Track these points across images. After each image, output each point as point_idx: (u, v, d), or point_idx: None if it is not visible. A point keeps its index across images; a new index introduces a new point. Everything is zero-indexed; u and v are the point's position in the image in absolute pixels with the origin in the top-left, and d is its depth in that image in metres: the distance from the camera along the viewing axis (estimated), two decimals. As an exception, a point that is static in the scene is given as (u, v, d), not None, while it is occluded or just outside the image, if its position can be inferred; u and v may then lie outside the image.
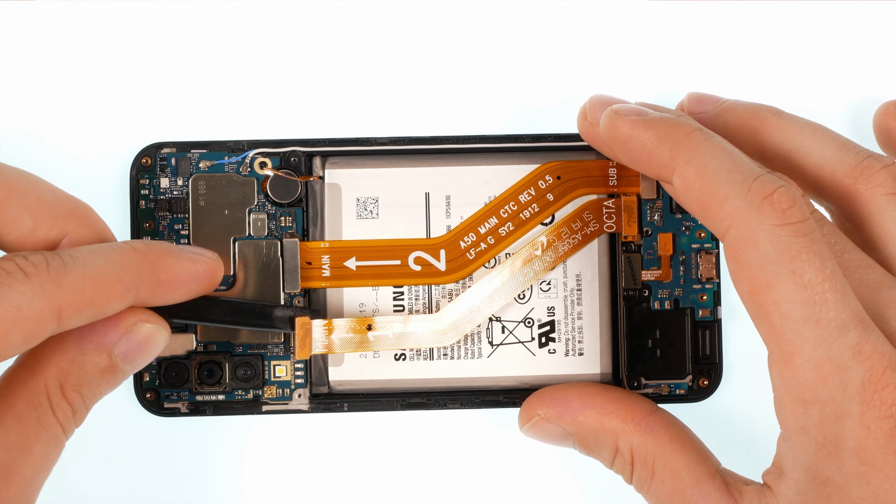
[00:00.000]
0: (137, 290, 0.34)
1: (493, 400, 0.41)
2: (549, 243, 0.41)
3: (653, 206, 0.41)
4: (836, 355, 0.32)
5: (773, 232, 0.33)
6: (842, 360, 0.32)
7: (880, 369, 0.32)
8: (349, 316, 0.41)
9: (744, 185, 0.33)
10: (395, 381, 0.41)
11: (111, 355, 0.35)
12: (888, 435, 0.32)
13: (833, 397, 0.32)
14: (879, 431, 0.32)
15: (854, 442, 0.32)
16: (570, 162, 0.41)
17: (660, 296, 0.41)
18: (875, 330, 0.33)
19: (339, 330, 0.40)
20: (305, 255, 0.40)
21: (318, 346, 0.40)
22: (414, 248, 0.41)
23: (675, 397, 0.41)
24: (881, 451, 0.32)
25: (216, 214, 0.40)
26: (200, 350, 0.40)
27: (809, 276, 0.32)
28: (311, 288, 0.41)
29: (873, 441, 0.32)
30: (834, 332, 0.32)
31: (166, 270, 0.35)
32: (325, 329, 0.40)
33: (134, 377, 0.40)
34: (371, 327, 0.40)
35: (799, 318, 0.32)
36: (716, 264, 0.41)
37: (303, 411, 0.41)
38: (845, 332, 0.32)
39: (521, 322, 0.41)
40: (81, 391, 0.34)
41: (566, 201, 0.41)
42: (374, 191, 0.41)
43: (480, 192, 0.41)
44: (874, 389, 0.32)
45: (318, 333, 0.40)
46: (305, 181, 0.41)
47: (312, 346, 0.40)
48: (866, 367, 0.32)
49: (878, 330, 0.33)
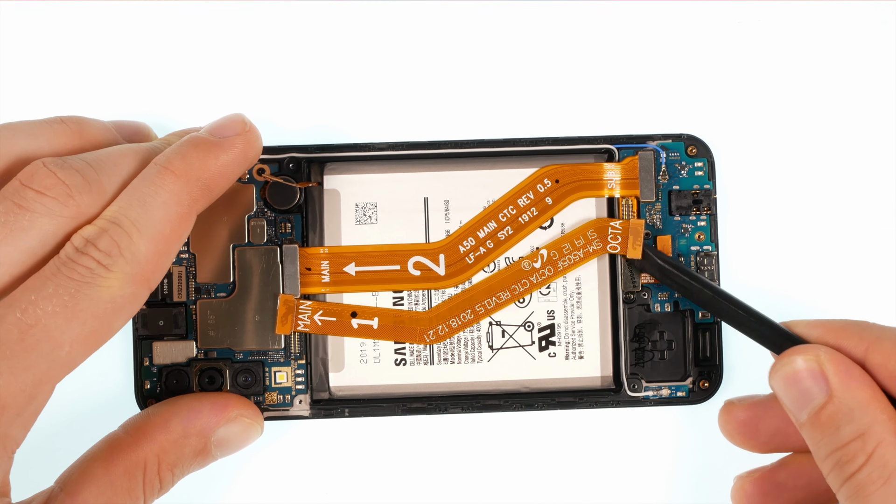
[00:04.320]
0: (197, 210, 0.35)
1: (494, 404, 0.41)
2: (550, 258, 0.40)
3: (652, 208, 0.41)
4: None
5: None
6: None
7: None
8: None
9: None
10: (395, 386, 0.41)
11: (208, 441, 0.37)
12: None
13: None
14: None
15: None
16: (568, 165, 0.41)
17: (659, 298, 0.41)
18: None
19: (323, 312, 0.40)
20: (305, 261, 0.40)
21: (298, 324, 0.40)
22: (413, 252, 0.41)
23: (676, 400, 0.41)
24: None
25: (215, 221, 0.41)
26: (201, 357, 0.41)
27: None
28: (312, 293, 0.41)
29: None
30: None
31: (211, 175, 0.35)
32: (309, 309, 0.40)
33: (135, 384, 0.40)
34: (356, 314, 0.40)
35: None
36: (715, 266, 0.41)
37: (304, 417, 0.41)
38: None
39: (521, 326, 0.41)
40: (174, 470, 0.37)
41: (565, 204, 0.41)
42: (372, 196, 0.41)
43: (479, 197, 0.41)
44: None
45: (300, 312, 0.40)
46: (304, 187, 0.41)
47: (293, 324, 0.40)
48: None
49: None
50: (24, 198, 0.33)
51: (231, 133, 0.36)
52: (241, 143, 0.36)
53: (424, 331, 0.40)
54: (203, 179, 0.35)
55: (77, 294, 0.32)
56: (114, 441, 0.36)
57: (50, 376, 0.32)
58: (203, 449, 0.37)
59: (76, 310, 0.32)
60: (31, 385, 0.32)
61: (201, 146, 0.35)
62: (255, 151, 0.37)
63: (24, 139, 0.35)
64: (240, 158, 0.36)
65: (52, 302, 0.32)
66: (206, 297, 0.40)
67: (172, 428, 0.37)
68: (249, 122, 0.37)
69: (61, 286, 0.32)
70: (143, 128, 0.40)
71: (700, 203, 0.41)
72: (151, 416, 0.37)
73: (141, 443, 0.36)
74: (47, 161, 0.34)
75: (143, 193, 0.34)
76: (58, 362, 0.32)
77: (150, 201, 0.34)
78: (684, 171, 0.41)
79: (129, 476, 0.36)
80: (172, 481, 0.37)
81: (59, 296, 0.32)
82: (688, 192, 0.41)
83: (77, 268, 0.32)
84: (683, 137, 0.41)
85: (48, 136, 0.36)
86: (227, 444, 0.38)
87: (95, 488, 0.35)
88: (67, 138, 0.36)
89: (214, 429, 0.38)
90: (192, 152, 0.35)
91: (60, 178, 0.33)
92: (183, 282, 0.40)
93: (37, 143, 0.36)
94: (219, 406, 0.38)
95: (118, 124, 0.39)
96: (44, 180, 0.33)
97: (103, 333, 0.33)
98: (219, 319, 0.40)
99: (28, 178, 0.33)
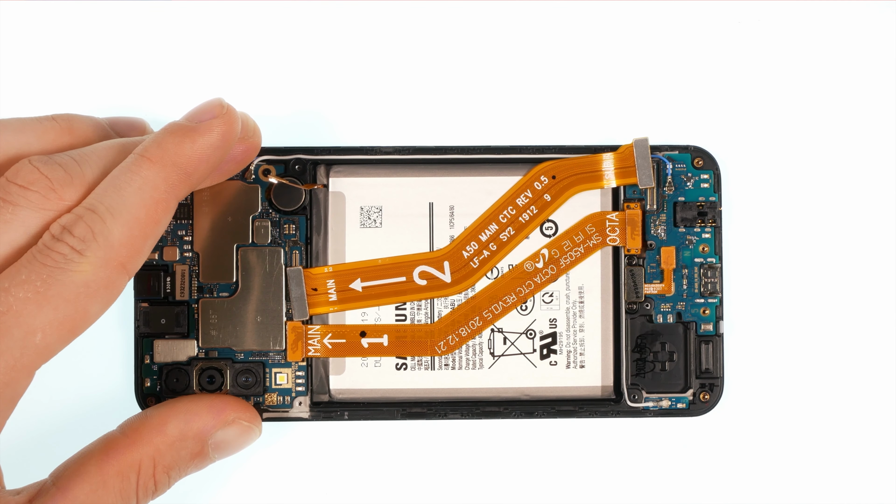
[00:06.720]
0: (176, 195, 0.35)
1: (494, 411, 0.41)
2: (552, 256, 0.40)
3: (657, 219, 0.41)
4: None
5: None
6: None
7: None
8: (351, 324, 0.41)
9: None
10: (395, 390, 0.41)
11: (205, 444, 0.37)
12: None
13: None
14: None
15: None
16: (563, 160, 0.41)
17: (662, 309, 0.41)
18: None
19: (332, 335, 0.40)
20: (310, 282, 0.40)
21: (309, 349, 0.40)
22: (418, 262, 0.41)
23: (676, 411, 0.41)
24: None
25: (220, 221, 0.40)
26: (202, 356, 0.41)
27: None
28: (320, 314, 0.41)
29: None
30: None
31: (189, 160, 0.35)
32: (318, 333, 0.40)
33: (135, 382, 0.40)
34: (364, 333, 0.40)
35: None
36: (719, 278, 0.41)
37: (303, 419, 0.41)
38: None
39: (523, 333, 0.41)
40: (170, 472, 0.37)
41: (563, 200, 0.41)
42: (377, 200, 0.41)
43: (484, 203, 0.41)
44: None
45: (309, 338, 0.40)
46: (309, 189, 0.41)
47: (304, 351, 0.40)
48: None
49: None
50: (9, 192, 0.34)
51: (208, 117, 0.36)
52: (219, 126, 0.36)
53: (435, 343, 0.40)
54: (180, 165, 0.35)
55: (49, 279, 0.32)
56: (110, 440, 0.36)
57: (24, 363, 0.32)
58: (200, 452, 0.38)
59: (48, 295, 0.32)
60: (4, 371, 0.32)
61: (177, 132, 0.35)
62: (235, 133, 0.36)
63: (14, 137, 0.36)
64: (218, 141, 0.36)
65: (23, 288, 0.32)
66: (209, 297, 0.40)
67: (169, 430, 0.37)
68: (227, 104, 0.36)
69: (34, 272, 0.32)
70: (138, 123, 0.40)
71: (705, 215, 0.41)
72: (149, 417, 0.37)
73: (137, 444, 0.36)
74: (33, 158, 0.34)
75: (120, 181, 0.34)
76: (31, 349, 0.32)
77: (125, 187, 0.34)
78: (690, 182, 0.41)
79: (122, 476, 0.36)
80: (168, 483, 0.37)
81: (31, 282, 0.32)
82: (693, 204, 0.41)
83: (51, 254, 0.33)
84: (690, 149, 0.41)
85: (38, 133, 0.36)
86: (225, 447, 0.38)
87: (87, 486, 0.35)
88: (57, 135, 0.37)
89: (212, 432, 0.38)
90: (168, 138, 0.35)
91: (44, 172, 0.34)
92: (186, 280, 0.40)
93: (27, 140, 0.36)
94: (217, 409, 0.38)
95: (113, 120, 0.39)
96: (28, 176, 0.34)
97: (77, 319, 0.33)
98: (221, 319, 0.40)
99: (13, 174, 0.34)
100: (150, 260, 0.40)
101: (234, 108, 0.37)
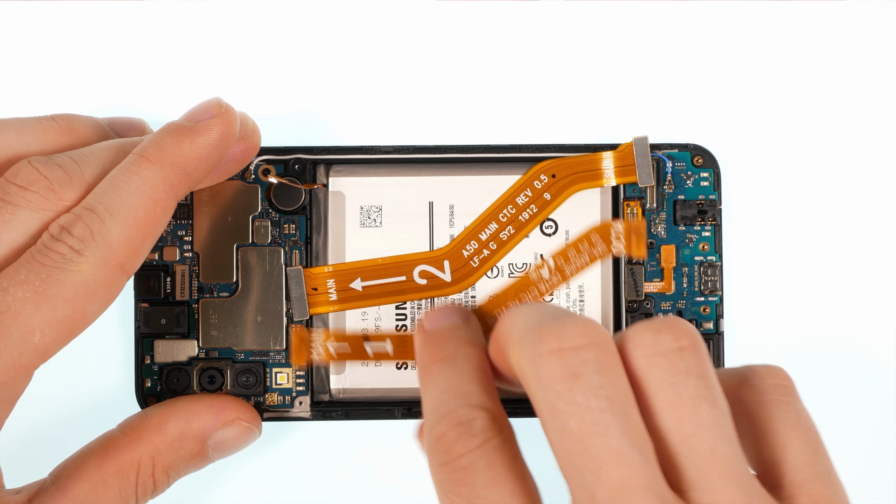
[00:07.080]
0: (175, 195, 0.35)
1: (495, 410, 0.41)
2: (558, 266, 0.40)
3: (656, 217, 0.41)
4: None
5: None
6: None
7: None
8: (351, 326, 0.41)
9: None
10: (396, 389, 0.41)
11: (205, 444, 0.37)
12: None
13: None
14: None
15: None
16: (563, 159, 0.41)
17: (662, 308, 0.41)
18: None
19: (335, 340, 0.40)
20: (311, 282, 0.40)
21: (313, 355, 0.40)
22: (418, 262, 0.41)
23: (677, 410, 0.41)
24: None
25: (220, 221, 0.41)
26: (202, 356, 0.41)
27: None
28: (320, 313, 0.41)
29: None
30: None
31: (188, 160, 0.35)
32: (321, 337, 0.40)
33: (136, 382, 0.40)
34: (368, 338, 0.40)
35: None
36: (719, 277, 0.41)
37: (304, 419, 0.41)
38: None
39: (524, 332, 0.41)
40: (169, 472, 0.37)
41: (563, 198, 0.41)
42: (377, 199, 0.41)
43: (484, 202, 0.41)
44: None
45: (313, 343, 0.40)
46: (309, 189, 0.41)
47: (307, 356, 0.40)
48: None
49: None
50: (8, 192, 0.34)
51: (207, 116, 0.36)
52: (217, 126, 0.36)
53: None
54: (179, 164, 0.35)
55: (47, 279, 0.32)
56: (110, 440, 0.37)
57: (22, 363, 0.32)
58: (200, 451, 0.38)
59: (46, 295, 0.32)
60: (3, 371, 0.32)
61: (175, 132, 0.36)
62: (233, 133, 0.36)
63: (13, 137, 0.36)
64: (217, 141, 0.36)
65: (22, 288, 0.32)
66: (209, 297, 0.40)
67: (169, 429, 0.37)
68: (226, 104, 0.37)
69: (33, 272, 0.32)
70: (138, 123, 0.40)
71: (705, 213, 0.41)
72: (149, 416, 0.37)
73: (136, 443, 0.36)
74: (32, 159, 0.34)
75: (118, 181, 0.34)
76: (30, 349, 0.32)
77: (123, 187, 0.34)
78: (690, 180, 0.41)
79: (121, 475, 0.36)
80: (167, 483, 0.37)
81: (30, 282, 0.32)
82: (693, 202, 0.41)
83: (50, 254, 0.33)
84: (690, 147, 0.41)
85: (38, 133, 0.37)
86: (225, 447, 0.38)
87: (86, 485, 0.35)
88: (57, 135, 0.37)
89: (212, 432, 0.38)
90: (167, 138, 0.35)
91: (43, 173, 0.34)
92: (186, 281, 0.40)
93: (26, 140, 0.36)
94: (217, 409, 0.38)
95: (113, 121, 0.39)
96: (27, 176, 0.34)
97: (76, 319, 0.33)
98: (221, 319, 0.40)
99: (13, 174, 0.34)
100: (150, 260, 0.40)
101: (233, 108, 0.37)
